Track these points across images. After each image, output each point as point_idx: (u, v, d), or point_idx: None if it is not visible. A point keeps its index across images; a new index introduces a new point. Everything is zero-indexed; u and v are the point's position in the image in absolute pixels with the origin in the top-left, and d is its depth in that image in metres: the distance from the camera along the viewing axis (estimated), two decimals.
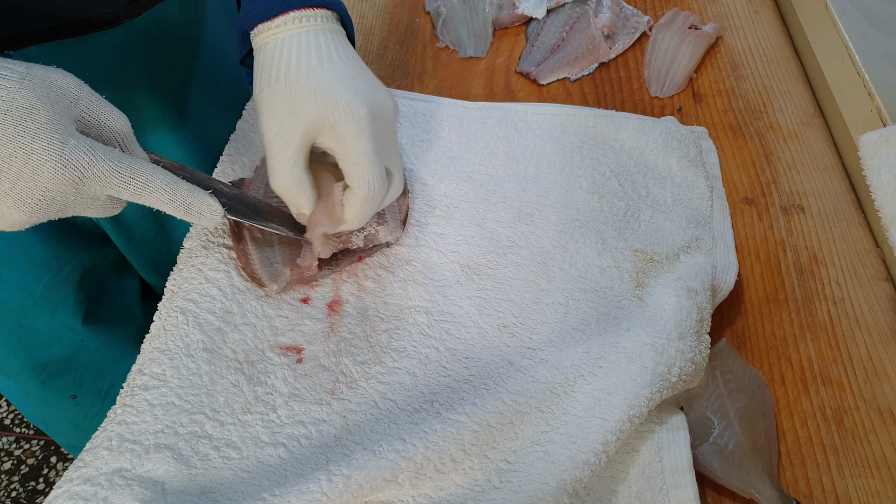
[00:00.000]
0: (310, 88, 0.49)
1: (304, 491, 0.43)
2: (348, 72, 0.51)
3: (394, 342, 0.53)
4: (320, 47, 0.50)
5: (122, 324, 0.76)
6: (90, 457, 0.45)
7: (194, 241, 0.56)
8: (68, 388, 0.75)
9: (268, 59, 0.50)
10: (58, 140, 0.39)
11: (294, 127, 0.49)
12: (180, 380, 0.49)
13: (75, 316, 0.70)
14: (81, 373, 0.75)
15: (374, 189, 0.50)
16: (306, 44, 0.50)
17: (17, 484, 1.40)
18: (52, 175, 0.40)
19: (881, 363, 0.56)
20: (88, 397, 0.77)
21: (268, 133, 0.49)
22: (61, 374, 0.74)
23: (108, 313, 0.74)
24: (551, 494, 0.44)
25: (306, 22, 0.51)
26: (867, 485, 0.50)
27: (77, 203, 0.42)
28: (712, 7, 0.87)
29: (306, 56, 0.50)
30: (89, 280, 0.70)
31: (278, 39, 0.50)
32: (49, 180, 0.40)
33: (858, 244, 0.64)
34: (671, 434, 0.49)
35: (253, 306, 0.53)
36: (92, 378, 0.76)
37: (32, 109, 0.39)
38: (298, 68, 0.49)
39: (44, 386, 0.73)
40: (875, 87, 0.67)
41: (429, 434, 0.46)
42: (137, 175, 0.43)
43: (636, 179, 0.64)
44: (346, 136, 0.49)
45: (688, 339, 0.51)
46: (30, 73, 0.40)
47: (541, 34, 0.83)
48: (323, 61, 0.50)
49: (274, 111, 0.49)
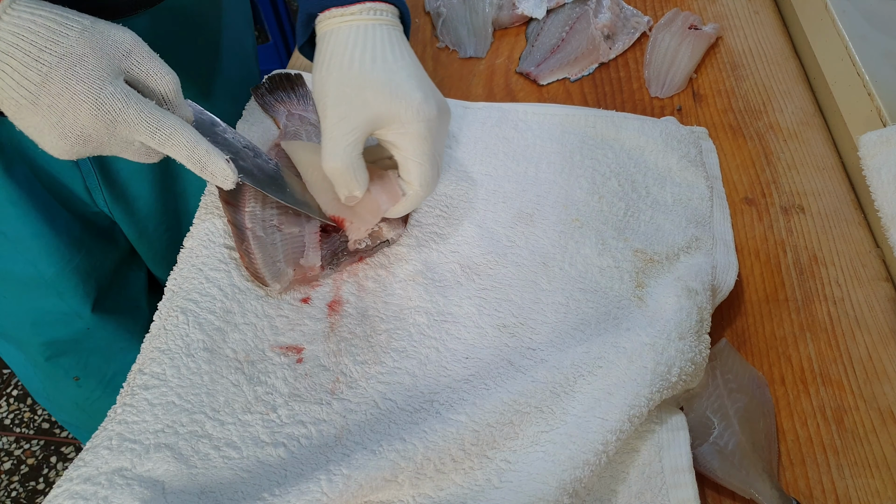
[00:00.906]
0: (385, 81, 0.51)
1: (304, 491, 0.43)
2: (418, 72, 0.52)
3: (394, 342, 0.53)
4: (393, 43, 0.52)
5: (127, 315, 0.77)
6: (90, 456, 0.45)
7: (195, 240, 0.56)
8: (72, 368, 0.77)
9: (341, 44, 0.51)
10: (98, 86, 0.44)
11: (361, 114, 0.51)
12: (180, 379, 0.49)
13: (83, 304, 0.72)
14: (86, 357, 0.77)
15: (430, 188, 0.53)
16: (381, 37, 0.52)
17: (17, 484, 1.40)
18: (89, 115, 0.45)
19: (881, 363, 0.56)
20: (91, 381, 0.79)
21: (331, 115, 0.51)
22: (66, 354, 0.76)
23: (115, 304, 0.76)
24: (551, 494, 0.44)
25: (380, 15, 0.52)
26: (867, 485, 0.50)
27: (112, 143, 0.47)
28: (712, 7, 0.87)
29: (381, 49, 0.51)
30: (98, 271, 0.72)
31: (353, 27, 0.51)
32: (86, 119, 0.45)
33: (858, 244, 0.64)
34: (671, 434, 0.49)
35: (253, 306, 0.53)
36: (96, 363, 0.78)
37: (84, 57, 0.44)
38: (374, 59, 0.51)
39: (49, 362, 0.75)
40: (875, 87, 0.67)
41: (429, 434, 0.46)
42: (163, 126, 0.47)
43: (636, 179, 0.64)
44: (413, 135, 0.51)
45: (688, 339, 0.51)
46: (92, 27, 0.45)
47: (541, 34, 0.83)
48: (396, 57, 0.52)
49: (343, 95, 0.51)
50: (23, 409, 1.51)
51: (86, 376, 0.78)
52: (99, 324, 0.74)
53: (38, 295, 0.70)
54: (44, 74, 0.44)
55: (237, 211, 0.56)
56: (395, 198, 0.55)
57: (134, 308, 0.79)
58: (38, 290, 0.69)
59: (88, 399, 0.80)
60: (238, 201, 0.57)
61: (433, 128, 0.52)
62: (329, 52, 0.52)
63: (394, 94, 0.50)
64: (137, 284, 0.80)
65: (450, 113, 0.55)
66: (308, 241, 0.55)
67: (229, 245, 0.56)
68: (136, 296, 0.79)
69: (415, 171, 0.52)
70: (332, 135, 0.51)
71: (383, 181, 0.55)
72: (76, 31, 0.44)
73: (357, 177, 0.52)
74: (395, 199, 0.55)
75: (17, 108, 0.45)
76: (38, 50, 0.43)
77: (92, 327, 0.74)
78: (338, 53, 0.51)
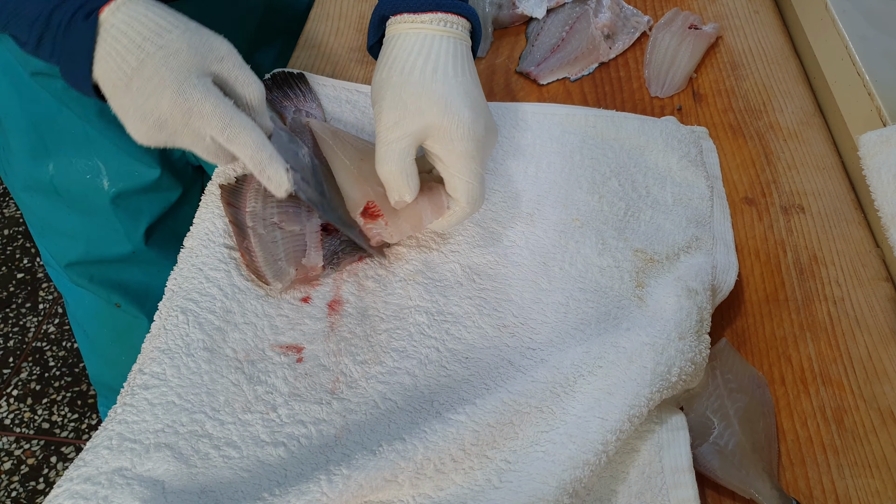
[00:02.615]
0: (441, 95, 0.52)
1: (304, 490, 0.43)
2: (474, 90, 0.54)
3: (394, 342, 0.53)
4: (457, 58, 0.53)
5: (169, 248, 0.81)
6: (90, 456, 0.45)
7: (195, 240, 0.56)
8: (114, 292, 0.83)
9: (405, 50, 0.53)
10: (184, 76, 0.48)
11: (416, 121, 0.52)
12: (180, 379, 0.49)
13: (134, 225, 0.78)
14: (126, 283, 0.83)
15: (476, 206, 0.54)
16: (445, 50, 0.53)
17: (17, 484, 1.40)
18: (169, 101, 0.48)
19: (881, 363, 0.56)
20: (131, 308, 0.84)
21: (387, 119, 0.52)
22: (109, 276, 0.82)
23: (162, 235, 0.81)
24: (551, 494, 0.44)
25: (450, 27, 0.53)
26: (867, 485, 0.50)
27: (185, 134, 0.50)
28: (712, 7, 0.87)
29: (443, 62, 0.53)
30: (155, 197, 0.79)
31: (421, 35, 0.53)
32: (166, 104, 0.48)
33: (858, 244, 0.64)
34: (671, 434, 0.49)
35: (253, 305, 0.53)
36: (135, 291, 0.83)
37: (179, 51, 0.48)
38: (435, 70, 0.52)
39: (92, 283, 0.81)
40: (875, 87, 0.67)
41: (429, 434, 0.46)
42: (234, 124, 0.49)
43: (636, 179, 0.64)
44: (461, 153, 0.52)
45: (688, 339, 0.51)
46: (197, 31, 0.50)
47: (541, 34, 0.83)
48: (458, 73, 0.53)
49: (400, 100, 0.52)
50: (23, 409, 1.51)
51: (126, 303, 0.84)
52: (145, 248, 0.80)
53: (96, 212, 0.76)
54: (141, 60, 0.48)
55: (238, 211, 0.56)
56: (440, 211, 0.54)
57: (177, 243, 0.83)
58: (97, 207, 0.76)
59: (128, 329, 0.86)
60: (239, 201, 0.57)
61: (480, 147, 0.53)
62: (393, 56, 0.53)
63: (448, 109, 0.51)
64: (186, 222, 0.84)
65: (497, 133, 0.56)
66: (310, 240, 0.55)
67: (229, 245, 0.56)
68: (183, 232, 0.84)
69: (462, 188, 0.53)
70: (387, 139, 0.52)
71: (431, 193, 0.55)
72: (179, 31, 0.49)
73: (409, 182, 0.53)
74: (440, 212, 0.55)
75: (114, 88, 0.49)
76: (141, 39, 0.48)
77: (137, 251, 0.80)
78: (401, 58, 0.53)
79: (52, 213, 0.78)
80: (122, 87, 0.48)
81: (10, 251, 1.78)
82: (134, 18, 0.48)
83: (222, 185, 0.58)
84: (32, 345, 1.61)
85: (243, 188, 0.58)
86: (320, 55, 0.81)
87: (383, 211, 0.55)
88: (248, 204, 0.57)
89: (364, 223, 0.56)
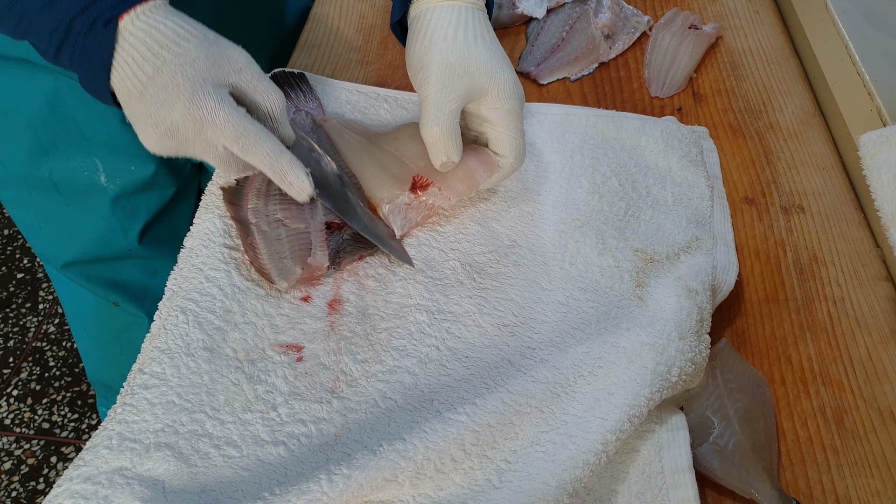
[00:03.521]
0: (486, 58, 0.55)
1: (304, 490, 0.43)
2: (506, 55, 0.57)
3: (394, 341, 0.53)
4: (489, 27, 0.58)
5: (166, 246, 0.82)
6: (90, 455, 0.45)
7: (195, 239, 0.56)
8: (112, 291, 0.83)
9: (444, 20, 0.56)
10: (199, 85, 0.48)
11: (462, 83, 0.54)
12: (180, 379, 0.49)
13: (130, 222, 0.78)
14: (123, 282, 0.83)
15: (523, 159, 0.58)
16: (480, 20, 0.57)
17: (17, 484, 1.40)
18: (182, 109, 0.48)
19: (881, 363, 0.56)
20: (130, 306, 0.85)
21: (434, 83, 0.54)
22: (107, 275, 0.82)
23: (158, 232, 0.81)
24: (551, 494, 0.44)
25: (477, 0, 0.57)
26: (867, 485, 0.50)
27: (197, 143, 0.50)
28: (712, 7, 0.87)
29: (481, 30, 0.56)
30: (152, 193, 0.78)
31: (455, 7, 0.56)
32: (178, 113, 0.48)
33: (858, 244, 0.64)
34: (671, 434, 0.49)
35: (253, 305, 0.53)
36: (133, 289, 0.84)
37: (196, 61, 0.48)
38: (476, 37, 0.55)
39: (90, 282, 0.82)
40: (875, 87, 0.67)
41: (429, 434, 0.46)
42: (248, 133, 0.50)
43: (636, 179, 0.64)
44: (507, 111, 0.56)
45: (688, 339, 0.51)
46: (215, 41, 0.50)
47: (541, 34, 0.83)
48: (494, 39, 0.57)
49: (447, 65, 0.54)
50: (23, 409, 1.51)
51: (124, 301, 0.84)
52: (140, 247, 0.80)
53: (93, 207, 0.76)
54: (157, 68, 0.48)
55: (240, 208, 0.56)
56: (493, 168, 0.57)
57: (173, 239, 0.83)
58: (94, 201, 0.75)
59: (127, 327, 0.86)
60: (240, 200, 0.57)
61: (522, 105, 0.57)
62: (432, 27, 0.55)
63: (493, 71, 0.55)
64: (183, 218, 0.84)
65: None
66: (315, 239, 0.55)
67: (229, 245, 0.56)
68: (179, 228, 0.84)
69: (509, 144, 0.56)
70: (436, 100, 0.54)
71: (479, 154, 0.57)
72: (197, 40, 0.49)
73: (456, 142, 0.55)
74: (493, 169, 0.57)
75: (128, 96, 0.49)
76: (158, 47, 0.48)
77: (134, 249, 0.80)
78: (441, 27, 0.55)
79: (52, 211, 0.78)
80: (137, 94, 0.49)
81: (10, 251, 1.78)
82: (153, 27, 0.48)
83: (223, 186, 0.58)
84: (32, 345, 1.61)
85: (244, 188, 0.58)
86: (320, 55, 0.81)
87: (433, 179, 0.57)
88: (249, 201, 0.57)
89: (415, 198, 0.57)
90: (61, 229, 0.79)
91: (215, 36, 0.51)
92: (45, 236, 0.81)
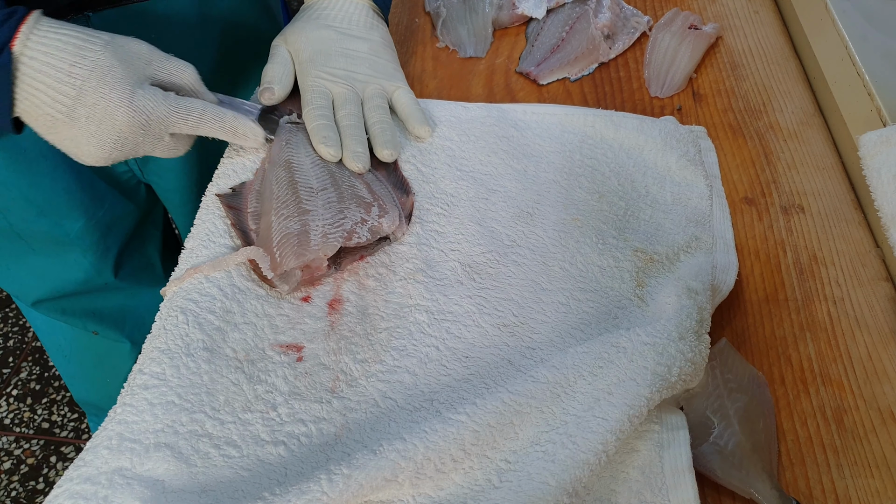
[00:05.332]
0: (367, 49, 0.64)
1: (304, 490, 0.43)
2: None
3: (394, 340, 0.53)
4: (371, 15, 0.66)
5: (141, 273, 0.81)
6: (90, 456, 0.45)
7: (195, 240, 0.56)
8: (89, 320, 0.81)
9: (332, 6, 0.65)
10: (129, 90, 0.48)
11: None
12: (180, 379, 0.49)
13: (104, 260, 0.76)
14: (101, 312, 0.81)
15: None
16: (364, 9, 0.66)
17: (17, 484, 1.40)
18: (125, 119, 0.48)
19: (881, 363, 0.56)
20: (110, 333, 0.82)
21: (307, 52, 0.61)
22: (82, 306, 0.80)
23: (131, 261, 0.80)
24: (551, 494, 0.44)
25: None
26: (867, 485, 0.50)
27: (145, 143, 0.51)
28: (712, 7, 0.87)
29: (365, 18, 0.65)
30: (117, 227, 0.76)
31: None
32: (123, 123, 0.48)
33: (858, 244, 0.64)
34: (671, 434, 0.49)
35: (253, 305, 0.53)
36: (112, 318, 0.82)
37: (112, 68, 0.48)
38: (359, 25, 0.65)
39: (65, 315, 0.80)
40: (875, 87, 0.67)
41: (429, 434, 0.46)
42: (192, 111, 0.51)
43: (636, 179, 0.64)
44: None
45: (688, 339, 0.51)
46: (112, 41, 0.49)
47: (541, 34, 0.83)
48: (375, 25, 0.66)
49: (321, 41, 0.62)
50: (23, 408, 1.51)
51: (104, 329, 0.82)
52: (116, 280, 0.78)
53: (63, 254, 0.73)
54: (78, 87, 0.47)
55: (239, 213, 0.56)
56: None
57: (148, 266, 0.82)
58: (64, 248, 0.73)
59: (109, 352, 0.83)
60: (240, 204, 0.57)
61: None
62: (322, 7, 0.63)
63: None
64: (153, 242, 0.83)
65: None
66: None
67: (229, 245, 0.56)
68: (151, 253, 0.83)
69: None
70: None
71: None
72: (100, 46, 0.48)
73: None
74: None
75: (52, 122, 0.47)
76: (69, 65, 0.46)
77: (110, 283, 0.78)
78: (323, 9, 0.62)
79: (18, 254, 0.74)
80: (64, 119, 0.47)
81: None
82: (51, 45, 0.46)
83: (219, 194, 0.58)
84: (32, 345, 1.61)
85: (243, 191, 0.58)
86: None
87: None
88: (249, 205, 0.57)
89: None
90: (28, 272, 0.75)
91: (109, 35, 0.50)
92: (12, 277, 0.76)
